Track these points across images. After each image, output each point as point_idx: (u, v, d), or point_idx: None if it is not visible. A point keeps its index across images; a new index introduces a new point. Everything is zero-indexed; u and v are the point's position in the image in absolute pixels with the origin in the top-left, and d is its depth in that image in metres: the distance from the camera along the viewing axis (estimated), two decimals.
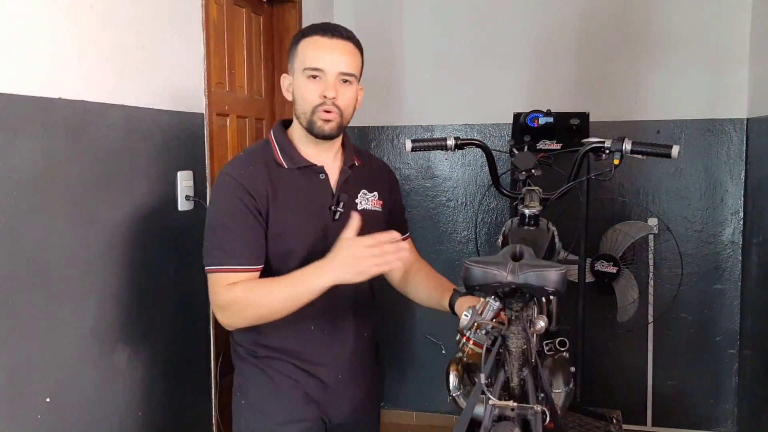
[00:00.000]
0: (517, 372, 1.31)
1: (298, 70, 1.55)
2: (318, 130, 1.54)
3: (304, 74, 1.53)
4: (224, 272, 1.51)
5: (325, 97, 1.51)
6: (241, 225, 1.51)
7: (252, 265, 1.52)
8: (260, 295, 1.48)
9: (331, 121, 1.54)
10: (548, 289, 1.23)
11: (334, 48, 1.53)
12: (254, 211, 1.52)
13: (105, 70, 1.68)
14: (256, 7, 2.70)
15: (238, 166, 1.57)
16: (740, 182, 2.91)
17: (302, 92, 1.54)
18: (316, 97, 1.52)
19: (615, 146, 1.71)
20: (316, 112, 1.53)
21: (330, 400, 1.64)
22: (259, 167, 1.56)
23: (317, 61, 1.52)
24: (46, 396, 1.51)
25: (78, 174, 1.59)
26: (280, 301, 1.47)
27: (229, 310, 1.52)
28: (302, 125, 1.57)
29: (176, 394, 2.02)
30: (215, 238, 1.53)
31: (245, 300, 1.49)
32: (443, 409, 3.23)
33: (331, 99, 1.52)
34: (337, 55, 1.53)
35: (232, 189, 1.52)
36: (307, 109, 1.54)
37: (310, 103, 1.53)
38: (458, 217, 3.22)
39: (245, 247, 1.51)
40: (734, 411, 2.98)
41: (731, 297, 2.95)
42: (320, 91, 1.52)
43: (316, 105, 1.52)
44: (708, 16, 2.87)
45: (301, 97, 1.55)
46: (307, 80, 1.53)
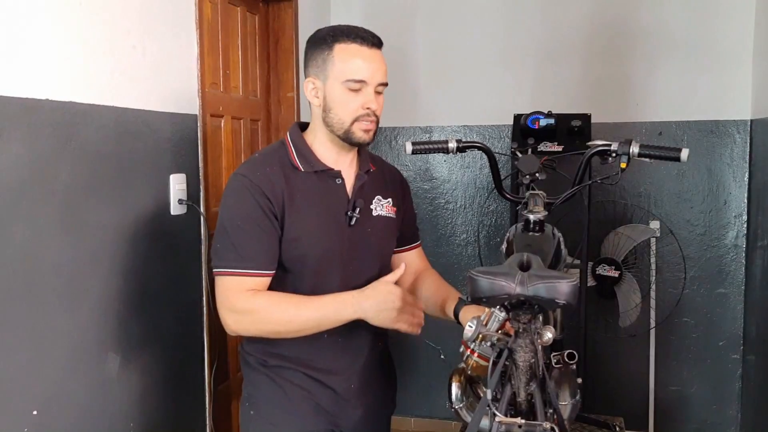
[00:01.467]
0: (525, 386, 1.26)
1: (336, 79, 1.50)
2: (358, 140, 1.53)
3: (345, 85, 1.49)
4: (237, 276, 1.47)
5: (369, 109, 1.50)
6: (256, 228, 1.47)
7: (265, 269, 1.49)
8: (286, 312, 1.48)
9: (371, 131, 1.53)
10: (559, 302, 1.18)
11: (374, 58, 1.51)
12: (270, 215, 1.48)
13: (94, 71, 1.63)
14: (251, 6, 2.65)
15: (254, 167, 1.53)
16: (744, 185, 2.86)
17: (343, 103, 1.50)
18: (357, 108, 1.50)
19: (622, 149, 1.66)
20: (356, 123, 1.51)
21: (342, 410, 1.60)
22: (276, 170, 1.52)
23: (360, 73, 1.49)
24: (33, 408, 1.46)
25: (66, 177, 1.54)
26: (304, 323, 1.48)
27: (245, 318, 1.49)
28: (335, 133, 1.53)
29: (169, 403, 1.98)
30: (228, 239, 1.49)
31: (268, 313, 1.48)
32: (442, 415, 3.19)
33: (373, 111, 1.51)
34: (377, 65, 1.51)
35: (247, 190, 1.48)
36: (347, 120, 1.51)
37: (351, 114, 1.50)
38: (457, 219, 3.17)
39: (259, 250, 1.48)
40: (738, 417, 2.93)
41: (734, 301, 2.91)
42: (361, 102, 1.50)
43: (358, 116, 1.50)
44: (711, 17, 2.83)
45: (342, 107, 1.51)
46: (348, 91, 1.50)
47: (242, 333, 1.54)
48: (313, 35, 1.56)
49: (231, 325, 1.50)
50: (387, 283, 1.48)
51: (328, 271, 1.55)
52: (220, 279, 1.50)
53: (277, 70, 2.82)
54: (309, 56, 1.55)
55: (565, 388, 1.46)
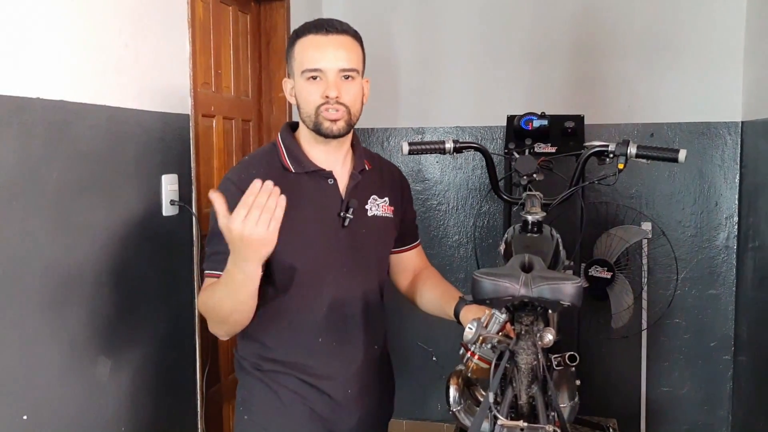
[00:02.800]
0: (526, 389, 1.25)
1: (297, 73, 1.50)
2: (326, 131, 1.49)
3: (303, 76, 1.48)
4: (214, 278, 1.47)
5: (328, 97, 1.46)
6: None
7: None
8: (208, 298, 1.43)
9: (338, 120, 1.48)
10: (564, 303, 1.17)
11: (331, 44, 1.48)
12: None
13: (86, 69, 1.61)
14: (243, 6, 2.63)
15: (241, 171, 1.52)
16: (735, 186, 2.87)
17: (304, 95, 1.49)
18: (318, 98, 1.47)
19: (619, 150, 1.66)
20: (320, 114, 1.48)
21: (337, 416, 1.57)
22: (264, 172, 1.49)
23: (314, 61, 1.47)
24: (23, 413, 1.43)
25: (58, 177, 1.51)
26: (223, 303, 1.39)
27: (207, 319, 1.49)
28: (309, 128, 1.52)
29: (161, 406, 1.95)
30: (211, 243, 1.49)
31: (203, 304, 1.46)
32: (434, 417, 3.18)
33: (333, 98, 1.47)
34: (334, 51, 1.47)
35: (232, 196, 1.45)
36: (311, 111, 1.49)
37: (312, 104, 1.48)
38: (449, 221, 3.16)
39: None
40: (729, 418, 2.94)
41: (726, 302, 2.91)
42: (321, 91, 1.47)
43: (319, 105, 1.48)
44: (702, 19, 2.84)
45: (304, 100, 1.50)
46: (307, 82, 1.48)
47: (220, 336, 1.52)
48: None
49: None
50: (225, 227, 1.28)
51: (323, 274, 1.53)
52: (204, 281, 1.51)
53: (269, 70, 2.79)
54: (286, 59, 1.57)
55: (564, 390, 1.45)
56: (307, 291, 1.51)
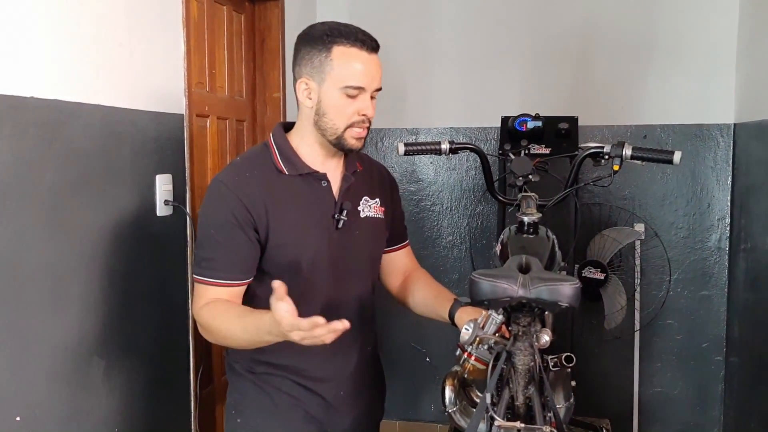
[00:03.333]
0: (523, 390, 1.25)
1: (333, 83, 1.45)
2: (350, 146, 1.50)
3: (344, 91, 1.45)
4: (205, 284, 1.47)
5: (365, 115, 1.47)
6: (229, 239, 1.45)
7: (236, 280, 1.47)
8: (221, 326, 1.44)
9: (363, 138, 1.51)
10: (562, 304, 1.17)
11: (374, 64, 1.47)
12: (245, 225, 1.45)
13: (80, 68, 1.59)
14: (237, 5, 2.62)
15: (234, 173, 1.50)
16: (727, 188, 2.89)
17: (338, 108, 1.46)
18: (353, 114, 1.47)
19: (615, 151, 1.66)
20: (348, 129, 1.48)
21: (331, 418, 1.57)
22: (257, 174, 1.49)
23: (360, 79, 1.45)
24: (16, 415, 1.41)
25: (51, 177, 1.50)
26: (237, 340, 1.45)
27: (201, 328, 1.50)
28: (327, 138, 1.50)
29: (154, 407, 1.94)
30: (202, 248, 1.48)
31: (208, 326, 1.46)
32: (428, 418, 3.18)
33: (369, 117, 1.48)
34: (376, 71, 1.48)
35: (224, 199, 1.45)
36: (341, 125, 1.47)
37: (347, 120, 1.47)
38: (443, 222, 3.16)
39: (230, 261, 1.46)
40: (721, 418, 2.96)
41: (718, 303, 2.93)
42: (357, 108, 1.46)
43: (353, 122, 1.47)
44: (695, 21, 2.85)
45: (337, 113, 1.47)
46: (345, 97, 1.46)
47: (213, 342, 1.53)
48: (308, 32, 1.50)
49: (200, 332, 1.51)
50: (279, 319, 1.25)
51: (317, 277, 1.52)
52: (195, 285, 1.50)
53: (263, 71, 2.78)
54: (303, 55, 1.48)
55: (559, 391, 1.45)
56: (302, 293, 1.51)
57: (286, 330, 1.23)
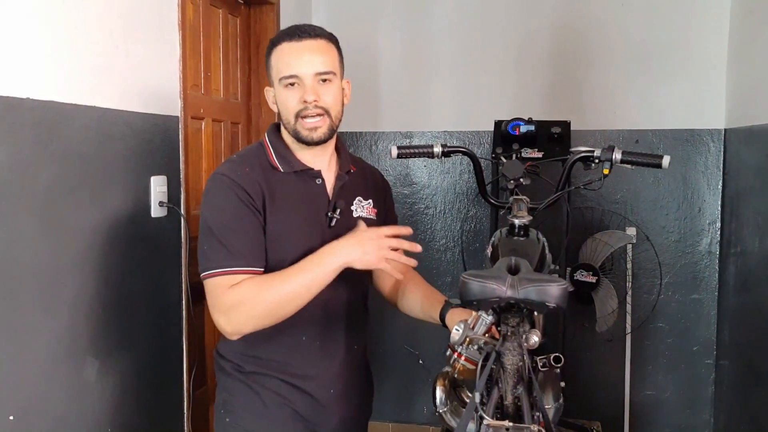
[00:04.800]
0: (512, 390, 1.26)
1: (276, 81, 1.52)
2: (305, 138, 1.51)
3: (281, 84, 1.50)
4: (228, 274, 1.42)
5: (306, 101, 1.48)
6: (244, 224, 1.45)
7: (256, 266, 1.45)
8: (272, 288, 1.41)
9: (318, 128, 1.50)
10: (549, 305, 1.19)
11: (304, 50, 1.49)
12: (254, 210, 1.46)
13: (76, 70, 1.61)
14: (233, 9, 2.63)
15: (233, 167, 1.52)
16: (718, 192, 2.91)
17: (283, 102, 1.51)
18: (296, 104, 1.49)
19: (605, 156, 1.68)
20: (298, 121, 1.49)
21: (319, 417, 1.58)
22: (255, 169, 1.51)
23: (290, 67, 1.48)
24: (9, 414, 1.42)
25: (47, 178, 1.51)
26: (294, 291, 1.42)
27: (235, 312, 1.42)
28: (291, 136, 1.54)
29: (148, 407, 1.95)
30: (215, 239, 1.44)
31: (255, 295, 1.40)
32: (420, 420, 3.18)
33: (312, 102, 1.48)
34: (309, 56, 1.49)
35: (230, 188, 1.46)
36: (290, 117, 1.51)
37: (292, 111, 1.50)
38: (436, 225, 3.18)
39: (249, 247, 1.45)
40: (711, 421, 2.98)
41: (708, 307, 2.95)
42: (299, 96, 1.48)
43: (298, 111, 1.49)
44: (687, 26, 2.88)
45: (283, 107, 1.52)
46: (285, 89, 1.50)
47: (241, 330, 1.45)
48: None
49: (225, 326, 1.43)
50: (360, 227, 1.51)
51: None
52: (210, 282, 1.44)
53: (258, 73, 2.80)
54: (266, 67, 1.58)
55: (549, 392, 1.47)
56: None
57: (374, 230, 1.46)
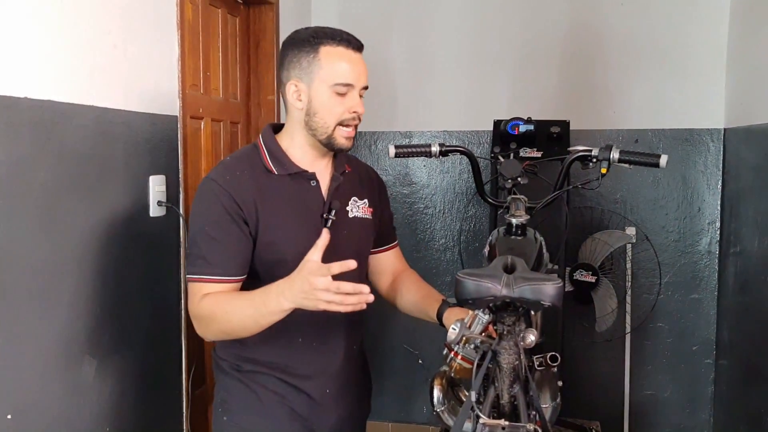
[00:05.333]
0: (508, 388, 1.27)
1: (322, 83, 1.49)
2: (339, 146, 1.53)
3: (333, 89, 1.48)
4: (202, 282, 1.46)
5: (356, 112, 1.50)
6: (224, 234, 1.46)
7: (232, 275, 1.47)
8: (224, 311, 1.43)
9: (352, 137, 1.53)
10: (544, 303, 1.19)
11: (360, 62, 1.52)
12: (239, 220, 1.46)
13: (74, 69, 1.61)
14: (232, 8, 2.64)
15: (224, 172, 1.52)
16: (717, 192, 2.91)
17: (329, 107, 1.49)
18: (344, 112, 1.50)
19: (602, 155, 1.68)
20: (338, 128, 1.50)
21: (317, 416, 1.58)
22: (247, 173, 1.51)
23: (348, 76, 1.49)
24: (6, 413, 1.42)
25: (44, 177, 1.51)
26: (240, 321, 1.42)
27: (200, 323, 1.48)
28: (318, 138, 1.52)
29: (146, 407, 1.95)
30: (196, 246, 1.48)
31: (211, 314, 1.44)
32: (420, 420, 3.18)
33: (359, 114, 1.51)
34: (362, 69, 1.52)
35: (216, 196, 1.46)
36: (331, 123, 1.50)
37: (337, 118, 1.50)
38: (436, 224, 3.18)
39: (226, 256, 1.46)
40: (710, 421, 2.97)
41: (708, 307, 2.95)
42: (347, 106, 1.50)
43: (344, 119, 1.50)
44: (686, 26, 2.88)
45: (327, 111, 1.50)
46: (335, 95, 1.49)
47: (208, 338, 1.53)
48: (293, 37, 1.54)
49: (197, 330, 1.50)
50: (308, 263, 1.32)
51: None
52: (189, 285, 1.49)
53: (258, 73, 2.80)
54: (290, 58, 1.51)
55: (546, 391, 1.47)
56: None
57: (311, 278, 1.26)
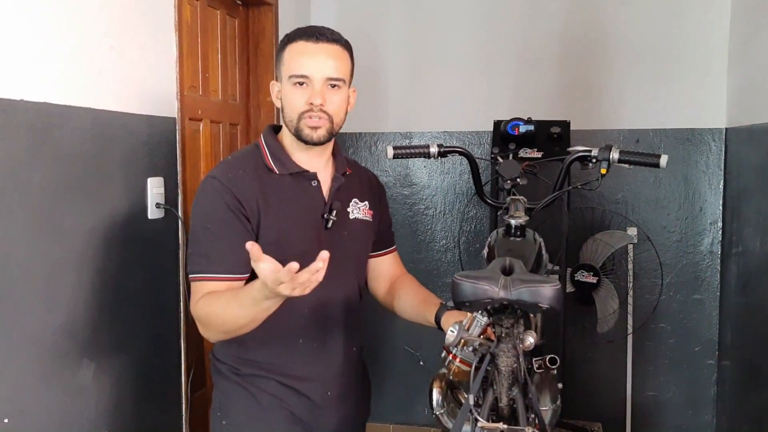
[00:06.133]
0: (507, 391, 1.26)
1: (285, 77, 1.51)
2: (306, 137, 1.51)
3: (290, 81, 1.49)
4: (206, 280, 1.45)
5: (312, 104, 1.48)
6: (227, 231, 1.45)
7: (236, 273, 1.46)
8: (218, 309, 1.41)
9: (319, 128, 1.50)
10: (542, 306, 1.18)
11: (320, 53, 1.49)
12: (242, 217, 1.46)
13: (71, 71, 1.60)
14: (231, 9, 2.63)
15: (226, 170, 1.51)
16: (719, 192, 2.90)
17: (289, 100, 1.51)
18: (302, 104, 1.48)
19: (602, 155, 1.67)
20: (302, 119, 1.49)
21: (316, 419, 1.57)
22: (249, 172, 1.51)
23: (302, 67, 1.48)
24: (4, 417, 1.42)
25: (41, 179, 1.51)
26: (236, 318, 1.39)
27: (200, 325, 1.47)
28: (291, 133, 1.53)
29: (145, 410, 1.94)
30: (198, 244, 1.47)
31: (207, 315, 1.43)
32: (421, 421, 3.17)
33: (318, 106, 1.48)
34: (323, 59, 1.49)
35: (219, 193, 1.46)
36: (294, 116, 1.50)
37: (296, 110, 1.49)
38: (437, 225, 3.17)
39: (230, 254, 1.45)
40: (713, 422, 2.96)
41: (710, 307, 2.93)
42: (306, 98, 1.48)
43: (303, 112, 1.49)
44: (687, 26, 2.87)
45: (288, 104, 1.51)
46: (293, 87, 1.49)
47: (210, 338, 1.51)
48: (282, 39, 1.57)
49: (201, 333, 1.48)
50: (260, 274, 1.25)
51: None
52: (192, 284, 1.48)
53: (257, 74, 2.80)
54: (276, 60, 1.59)
55: (545, 393, 1.46)
56: None
57: (273, 287, 1.21)
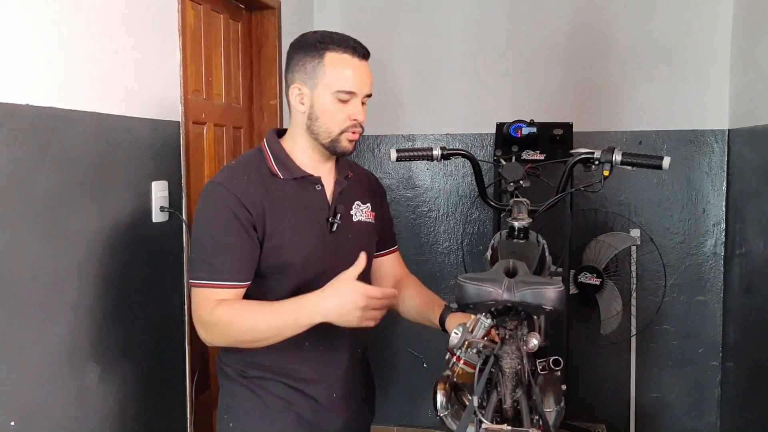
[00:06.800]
0: (511, 393, 1.26)
1: (326, 88, 1.49)
2: (343, 150, 1.53)
3: (335, 95, 1.49)
4: (210, 287, 1.45)
5: (356, 120, 1.50)
6: (232, 239, 1.45)
7: (239, 281, 1.47)
8: (245, 319, 1.43)
9: (355, 141, 1.54)
10: (546, 308, 1.18)
11: (364, 70, 1.52)
12: (247, 225, 1.45)
13: (76, 76, 1.61)
14: (234, 13, 2.64)
15: (231, 175, 1.51)
16: (722, 193, 2.90)
17: (331, 113, 1.50)
18: (345, 120, 1.50)
19: (605, 157, 1.67)
20: (344, 133, 1.51)
21: (323, 420, 1.58)
22: (253, 177, 1.50)
23: (351, 84, 1.49)
24: (10, 419, 1.42)
25: (46, 183, 1.52)
26: (263, 331, 1.43)
27: (212, 329, 1.46)
28: (321, 142, 1.53)
29: (150, 413, 1.95)
30: (202, 251, 1.46)
31: (228, 323, 1.44)
32: (425, 423, 3.17)
33: (360, 122, 1.51)
34: (366, 77, 1.52)
35: (224, 200, 1.46)
36: (335, 130, 1.51)
37: (339, 125, 1.51)
38: (440, 228, 3.17)
39: (234, 262, 1.45)
40: (717, 423, 2.96)
41: (713, 308, 2.94)
42: (348, 113, 1.50)
43: (346, 127, 1.51)
44: (690, 28, 2.87)
45: (330, 117, 1.50)
46: (337, 101, 1.49)
47: (216, 344, 1.52)
48: (300, 40, 1.54)
49: (204, 336, 1.48)
50: (347, 280, 1.40)
51: (310, 279, 1.52)
52: (194, 291, 1.48)
53: (260, 78, 2.81)
54: (296, 61, 1.52)
55: (549, 395, 1.46)
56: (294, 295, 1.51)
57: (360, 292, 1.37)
